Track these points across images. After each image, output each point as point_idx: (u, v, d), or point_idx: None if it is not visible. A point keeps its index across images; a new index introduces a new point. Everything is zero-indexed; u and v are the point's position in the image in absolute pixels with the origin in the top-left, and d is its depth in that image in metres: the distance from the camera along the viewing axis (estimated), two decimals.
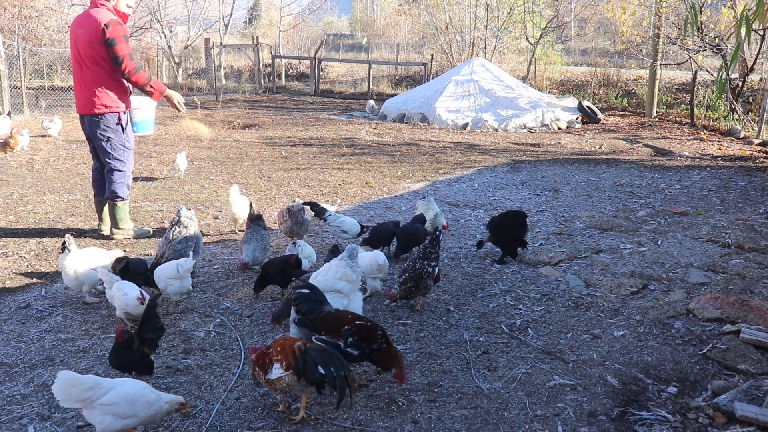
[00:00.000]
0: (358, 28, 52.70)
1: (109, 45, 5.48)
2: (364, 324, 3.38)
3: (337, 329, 3.35)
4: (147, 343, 3.36)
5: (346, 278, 3.81)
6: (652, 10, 17.06)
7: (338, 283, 3.80)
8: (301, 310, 3.50)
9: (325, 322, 3.42)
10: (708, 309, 4.39)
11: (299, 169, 9.67)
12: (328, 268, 3.86)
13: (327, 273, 3.84)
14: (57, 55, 21.15)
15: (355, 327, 3.33)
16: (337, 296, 3.77)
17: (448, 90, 15.73)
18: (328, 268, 3.87)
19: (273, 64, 24.46)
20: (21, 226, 6.40)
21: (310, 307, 3.49)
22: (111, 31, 5.45)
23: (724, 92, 15.15)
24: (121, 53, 5.51)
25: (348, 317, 3.43)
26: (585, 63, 26.35)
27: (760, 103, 13.70)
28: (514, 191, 8.41)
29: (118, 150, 5.82)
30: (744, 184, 8.90)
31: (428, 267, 4.37)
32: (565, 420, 3.17)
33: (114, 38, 5.46)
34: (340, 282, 3.80)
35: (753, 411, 3.13)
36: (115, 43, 5.47)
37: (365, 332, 3.32)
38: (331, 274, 3.82)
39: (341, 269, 3.81)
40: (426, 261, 4.40)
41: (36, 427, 3.07)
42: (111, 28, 5.45)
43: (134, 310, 3.98)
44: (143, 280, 4.51)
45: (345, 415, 3.17)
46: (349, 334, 3.31)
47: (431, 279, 4.41)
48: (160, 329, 3.49)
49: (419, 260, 4.41)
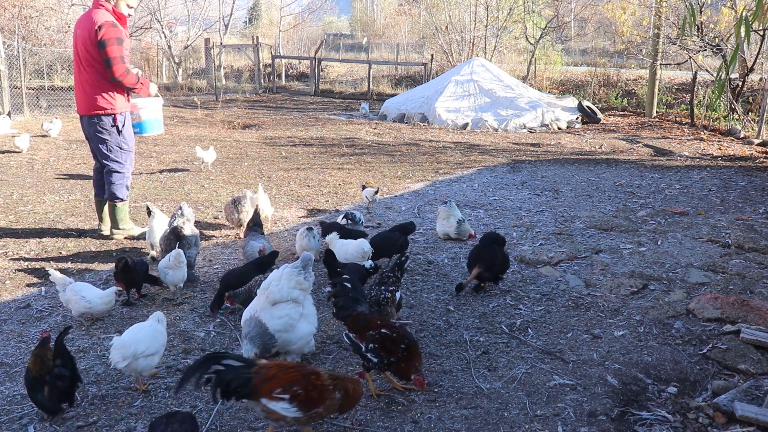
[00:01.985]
0: (358, 28, 52.71)
1: (101, 46, 5.47)
2: (389, 334, 3.24)
3: (364, 332, 3.30)
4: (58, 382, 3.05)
5: (299, 286, 3.53)
6: (652, 10, 17.06)
7: (294, 292, 3.52)
8: (337, 304, 3.46)
9: (356, 322, 3.37)
10: (708, 309, 4.39)
11: (299, 169, 9.67)
12: (280, 276, 3.54)
13: (280, 282, 3.51)
14: (57, 55, 21.15)
15: (379, 335, 3.23)
16: (293, 305, 3.52)
17: (448, 90, 15.73)
18: (279, 276, 3.55)
19: (273, 64, 24.47)
20: (21, 226, 6.40)
21: (345, 303, 3.45)
22: (103, 33, 5.43)
23: (724, 92, 15.14)
24: (111, 55, 5.48)
25: (377, 322, 3.34)
26: (585, 63, 26.36)
27: (760, 103, 13.69)
28: (514, 191, 8.41)
29: (115, 151, 5.82)
30: (744, 184, 8.90)
31: (386, 293, 3.94)
32: (565, 420, 3.17)
33: (105, 40, 5.43)
34: (295, 290, 3.52)
35: (753, 411, 3.13)
36: (107, 45, 5.45)
37: (388, 343, 3.21)
38: (285, 283, 3.51)
39: (294, 277, 3.52)
40: (383, 286, 3.98)
41: (36, 427, 3.07)
42: (104, 29, 5.43)
43: (96, 309, 4.17)
44: (144, 280, 4.57)
45: (345, 415, 3.17)
46: (372, 340, 3.24)
47: (391, 306, 3.95)
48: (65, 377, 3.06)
49: (375, 286, 4.02)
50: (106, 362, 3.63)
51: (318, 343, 3.97)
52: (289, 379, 2.74)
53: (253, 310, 3.54)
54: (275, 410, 2.70)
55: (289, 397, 2.69)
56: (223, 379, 2.68)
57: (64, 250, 5.71)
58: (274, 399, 2.69)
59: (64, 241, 5.94)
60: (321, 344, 3.96)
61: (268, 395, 2.70)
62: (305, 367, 2.90)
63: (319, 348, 3.89)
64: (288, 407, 2.68)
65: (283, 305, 3.48)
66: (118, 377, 3.52)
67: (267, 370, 2.77)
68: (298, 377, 2.76)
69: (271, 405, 2.69)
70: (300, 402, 2.69)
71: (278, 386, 2.71)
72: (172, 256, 4.53)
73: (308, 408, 2.72)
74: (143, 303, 4.58)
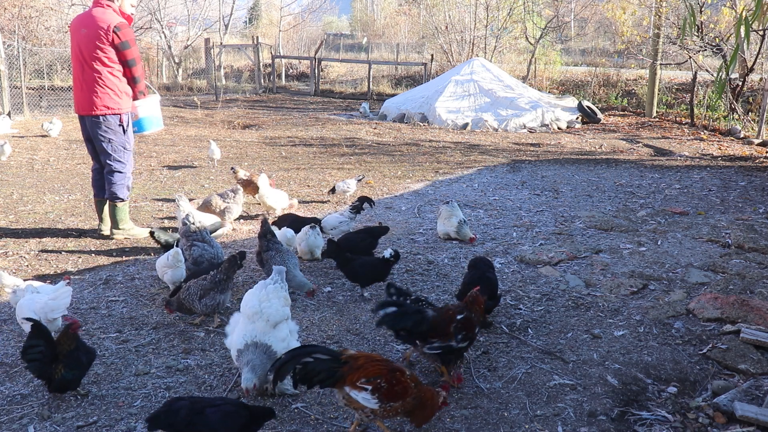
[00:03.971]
0: (358, 28, 52.75)
1: (123, 48, 5.53)
2: (468, 316, 3.40)
3: (447, 329, 3.33)
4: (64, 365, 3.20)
5: (287, 302, 3.33)
6: (652, 10, 17.06)
7: (287, 309, 3.31)
8: (406, 328, 3.30)
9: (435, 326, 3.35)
10: (708, 309, 4.39)
11: (299, 169, 9.67)
12: (266, 295, 3.23)
13: (270, 301, 3.22)
14: (57, 55, 21.15)
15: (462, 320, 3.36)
16: (285, 322, 3.28)
17: (448, 90, 15.74)
18: (265, 295, 3.23)
19: (273, 64, 24.48)
20: (21, 226, 6.40)
21: (415, 320, 3.28)
22: (123, 34, 5.51)
23: (724, 92, 15.15)
24: (134, 55, 5.62)
25: (450, 312, 3.40)
26: (585, 63, 26.37)
27: (760, 103, 13.70)
28: (514, 191, 8.41)
29: (119, 151, 5.82)
30: (744, 184, 8.90)
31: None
32: (565, 420, 3.17)
33: (128, 41, 5.54)
34: (286, 307, 3.30)
35: (753, 411, 3.13)
36: (129, 46, 5.56)
37: (469, 323, 3.39)
38: (276, 302, 3.24)
39: (281, 293, 3.28)
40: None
41: (36, 427, 3.07)
42: (122, 30, 5.50)
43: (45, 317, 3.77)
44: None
45: (345, 415, 3.17)
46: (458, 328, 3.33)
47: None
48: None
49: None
50: (106, 362, 3.63)
51: (318, 343, 3.98)
52: (376, 371, 2.83)
53: (251, 335, 3.19)
54: (356, 399, 2.80)
55: (372, 388, 2.78)
56: (313, 369, 2.79)
57: (64, 250, 5.71)
58: (356, 388, 2.79)
59: (64, 241, 5.94)
60: (321, 344, 3.95)
61: (352, 384, 2.80)
62: (392, 363, 2.96)
63: None
64: (369, 398, 2.78)
65: (281, 325, 3.26)
66: (118, 377, 3.52)
67: (355, 360, 2.86)
68: (385, 371, 2.84)
69: (353, 393, 2.80)
70: (381, 394, 2.78)
71: (363, 376, 2.80)
72: (170, 255, 4.53)
73: (387, 401, 2.79)
74: (143, 303, 4.57)
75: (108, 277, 5.03)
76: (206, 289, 4.01)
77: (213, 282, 4.02)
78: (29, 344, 3.20)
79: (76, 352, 3.22)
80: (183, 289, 4.08)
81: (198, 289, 4.01)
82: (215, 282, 4.03)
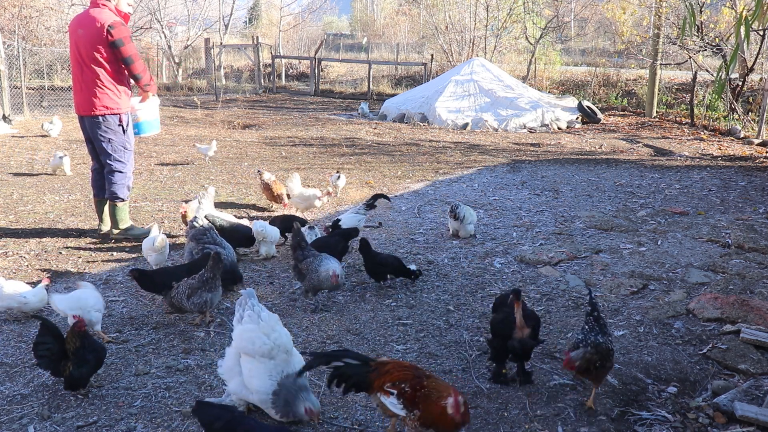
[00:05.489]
0: (358, 28, 52.74)
1: (116, 46, 5.49)
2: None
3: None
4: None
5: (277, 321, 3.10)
6: (652, 10, 17.06)
7: (283, 329, 3.09)
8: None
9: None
10: (708, 309, 4.39)
11: (299, 168, 9.67)
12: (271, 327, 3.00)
13: (277, 331, 3.01)
14: (57, 55, 21.14)
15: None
16: (284, 355, 3.02)
17: (448, 90, 15.73)
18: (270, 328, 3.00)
19: (273, 64, 24.48)
20: (21, 226, 6.40)
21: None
22: (117, 32, 5.46)
23: (724, 92, 15.15)
24: (130, 52, 5.57)
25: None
26: (585, 63, 26.37)
27: (760, 103, 13.69)
28: (514, 191, 8.41)
29: (119, 151, 5.82)
30: (744, 184, 8.90)
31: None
32: (565, 420, 3.17)
33: (121, 39, 5.49)
34: (279, 324, 3.08)
35: (753, 411, 3.13)
36: (123, 44, 5.51)
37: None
38: (281, 329, 3.05)
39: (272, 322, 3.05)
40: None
41: (36, 427, 3.07)
42: (116, 29, 5.46)
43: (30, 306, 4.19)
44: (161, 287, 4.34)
45: (345, 415, 3.17)
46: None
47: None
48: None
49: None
50: (106, 362, 3.63)
51: (318, 343, 3.98)
52: (401, 376, 2.79)
53: (278, 372, 2.96)
54: (385, 404, 2.78)
55: (397, 393, 2.74)
56: (343, 374, 2.82)
57: (64, 250, 5.71)
58: (384, 393, 2.77)
59: (64, 241, 5.94)
60: (321, 344, 3.96)
61: (380, 389, 2.78)
62: (419, 369, 2.90)
63: (320, 349, 3.89)
64: (395, 403, 2.74)
65: (290, 347, 3.10)
66: (118, 377, 3.52)
67: (383, 366, 2.86)
68: (410, 376, 2.79)
69: (383, 398, 2.78)
70: (406, 400, 2.72)
71: (389, 380, 2.78)
72: (156, 240, 4.85)
73: (412, 408, 2.71)
74: (143, 303, 4.57)
75: (108, 277, 5.03)
76: (194, 288, 4.06)
77: (201, 281, 4.06)
78: (38, 341, 3.31)
79: (82, 351, 3.27)
80: (173, 288, 4.13)
81: (186, 288, 4.06)
82: (203, 281, 4.07)
